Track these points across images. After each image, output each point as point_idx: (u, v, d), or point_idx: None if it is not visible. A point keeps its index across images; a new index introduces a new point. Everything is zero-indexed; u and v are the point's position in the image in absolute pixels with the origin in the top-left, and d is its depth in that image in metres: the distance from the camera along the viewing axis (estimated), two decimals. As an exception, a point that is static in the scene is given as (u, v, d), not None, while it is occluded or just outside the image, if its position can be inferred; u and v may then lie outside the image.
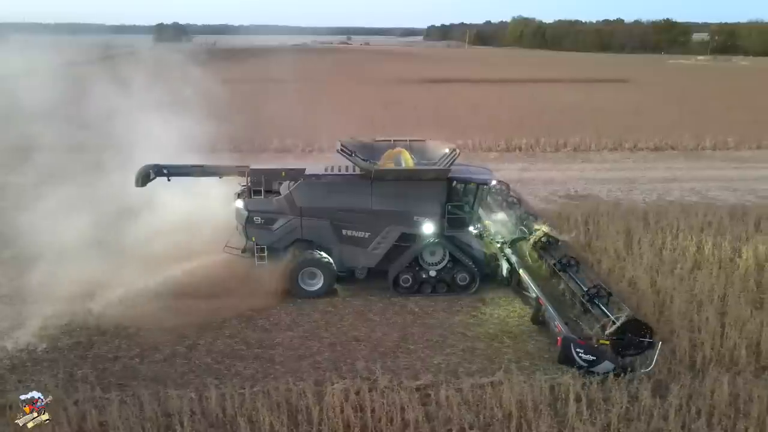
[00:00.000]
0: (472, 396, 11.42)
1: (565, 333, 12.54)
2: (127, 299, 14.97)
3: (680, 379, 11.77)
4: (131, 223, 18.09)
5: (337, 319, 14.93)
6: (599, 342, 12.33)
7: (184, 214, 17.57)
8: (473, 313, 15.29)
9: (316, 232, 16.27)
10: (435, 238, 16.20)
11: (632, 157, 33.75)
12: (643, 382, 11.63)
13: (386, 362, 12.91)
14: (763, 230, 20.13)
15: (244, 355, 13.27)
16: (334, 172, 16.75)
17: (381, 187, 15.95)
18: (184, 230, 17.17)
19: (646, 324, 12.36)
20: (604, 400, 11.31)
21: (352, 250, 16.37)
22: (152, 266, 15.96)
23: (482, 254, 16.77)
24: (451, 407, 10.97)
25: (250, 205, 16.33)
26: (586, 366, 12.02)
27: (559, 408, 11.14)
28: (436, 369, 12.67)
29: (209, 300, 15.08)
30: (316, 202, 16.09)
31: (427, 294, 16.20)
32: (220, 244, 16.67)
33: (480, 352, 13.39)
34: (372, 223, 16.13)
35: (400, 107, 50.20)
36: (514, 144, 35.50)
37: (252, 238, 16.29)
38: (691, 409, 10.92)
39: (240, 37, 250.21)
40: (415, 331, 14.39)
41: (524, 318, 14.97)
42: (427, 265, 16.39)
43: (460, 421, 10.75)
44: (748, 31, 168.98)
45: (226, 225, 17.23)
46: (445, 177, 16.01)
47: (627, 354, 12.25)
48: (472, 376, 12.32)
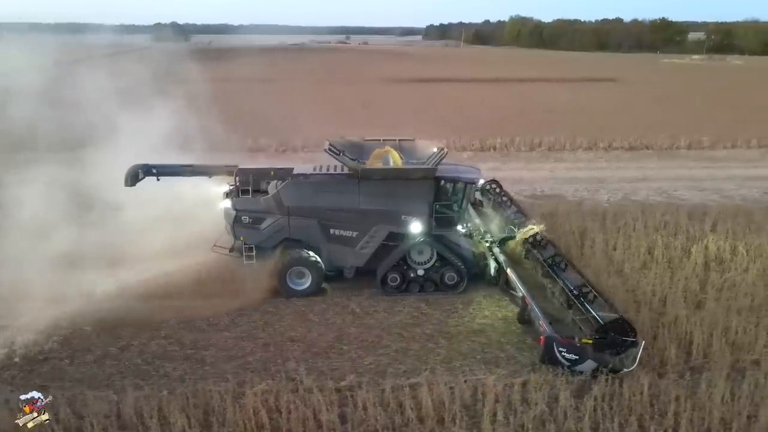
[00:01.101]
0: (392, 398, 11.40)
1: (548, 332, 12.50)
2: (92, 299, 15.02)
3: (602, 380, 11.74)
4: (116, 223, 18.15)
5: (276, 319, 14.90)
6: (582, 341, 12.29)
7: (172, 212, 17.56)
8: (414, 313, 15.27)
9: (304, 231, 16.29)
10: (423, 237, 16.23)
11: (605, 157, 33.69)
12: (564, 384, 11.62)
13: (316, 363, 12.93)
14: (718, 230, 20.07)
15: (176, 356, 13.25)
16: (322, 172, 16.75)
17: (368, 186, 15.96)
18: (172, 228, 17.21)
19: (630, 323, 12.29)
20: (525, 401, 11.31)
21: (340, 249, 16.40)
22: (128, 266, 16.15)
23: (471, 253, 16.77)
24: (366, 409, 10.94)
25: (237, 205, 16.37)
26: (569, 365, 12.02)
27: (478, 409, 11.12)
28: (364, 370, 12.65)
29: (182, 300, 15.18)
30: (303, 201, 16.13)
31: (416, 293, 16.21)
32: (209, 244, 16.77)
33: (413, 353, 13.36)
34: (360, 223, 16.17)
35: (381, 107, 50.17)
36: (489, 143, 35.46)
37: (240, 238, 16.34)
38: (605, 410, 10.90)
39: (238, 37, 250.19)
40: (352, 331, 14.36)
41: (463, 318, 14.97)
42: (415, 264, 16.40)
43: (374, 422, 10.74)
44: (744, 30, 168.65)
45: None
46: (433, 176, 16.01)
47: (608, 353, 12.17)
48: (399, 377, 12.32)
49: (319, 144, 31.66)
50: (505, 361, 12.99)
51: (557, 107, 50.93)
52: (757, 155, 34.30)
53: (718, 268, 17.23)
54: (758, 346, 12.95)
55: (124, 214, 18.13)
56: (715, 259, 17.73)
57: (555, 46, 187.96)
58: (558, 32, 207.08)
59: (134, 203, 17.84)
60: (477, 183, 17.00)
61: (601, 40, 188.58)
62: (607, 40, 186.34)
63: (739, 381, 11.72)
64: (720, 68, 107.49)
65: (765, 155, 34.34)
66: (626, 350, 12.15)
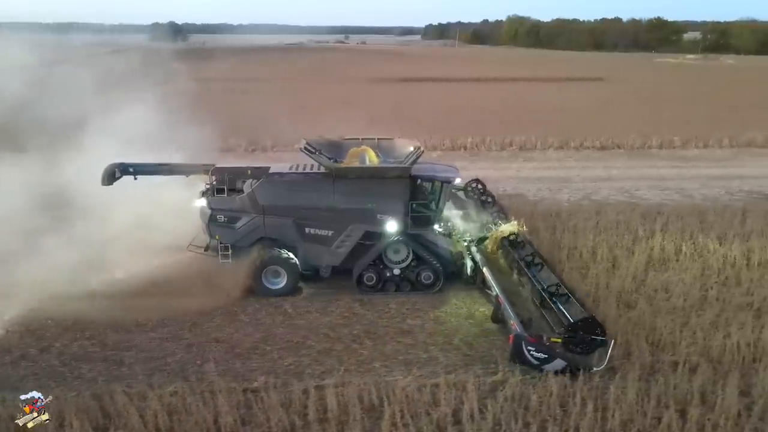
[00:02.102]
0: (300, 400, 11.29)
1: (517, 331, 12.39)
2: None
3: (514, 382, 11.63)
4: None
5: (206, 319, 14.76)
6: (551, 340, 12.24)
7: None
8: (346, 314, 15.15)
9: (280, 230, 16.23)
10: (398, 237, 16.14)
11: (575, 157, 33.57)
12: (474, 387, 11.51)
13: (235, 364, 12.83)
14: (670, 229, 19.95)
15: (95, 357, 13.14)
16: (298, 171, 16.66)
17: (343, 185, 15.88)
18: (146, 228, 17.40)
19: (599, 323, 12.21)
20: (434, 403, 11.20)
21: (316, 248, 16.32)
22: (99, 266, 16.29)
23: (448, 252, 16.65)
24: (266, 412, 10.84)
25: (213, 204, 16.31)
26: (538, 364, 11.92)
27: (384, 411, 11.00)
28: (282, 371, 12.54)
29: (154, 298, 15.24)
30: (278, 200, 16.06)
31: (392, 292, 16.15)
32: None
33: (335, 354, 13.25)
34: (335, 222, 16.09)
35: (362, 106, 49.96)
36: (460, 143, 35.33)
37: (216, 237, 16.28)
38: (511, 413, 10.80)
39: (237, 37, 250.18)
40: (280, 332, 14.26)
41: (394, 319, 14.87)
42: (391, 263, 16.34)
43: (277, 423, 10.64)
44: (740, 30, 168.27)
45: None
46: (408, 175, 15.93)
47: (577, 352, 12.14)
48: (315, 378, 12.20)
49: (291, 143, 32.07)
50: (425, 362, 12.86)
51: (539, 106, 50.80)
52: (728, 155, 34.18)
53: (659, 268, 17.11)
54: (681, 347, 12.81)
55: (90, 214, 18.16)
56: (658, 260, 17.60)
57: (552, 46, 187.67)
58: (555, 32, 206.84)
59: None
60: (453, 182, 16.80)
61: (598, 39, 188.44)
62: (604, 40, 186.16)
63: (653, 383, 11.60)
64: (712, 68, 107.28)
65: (736, 154, 34.22)
66: (595, 349, 12.10)
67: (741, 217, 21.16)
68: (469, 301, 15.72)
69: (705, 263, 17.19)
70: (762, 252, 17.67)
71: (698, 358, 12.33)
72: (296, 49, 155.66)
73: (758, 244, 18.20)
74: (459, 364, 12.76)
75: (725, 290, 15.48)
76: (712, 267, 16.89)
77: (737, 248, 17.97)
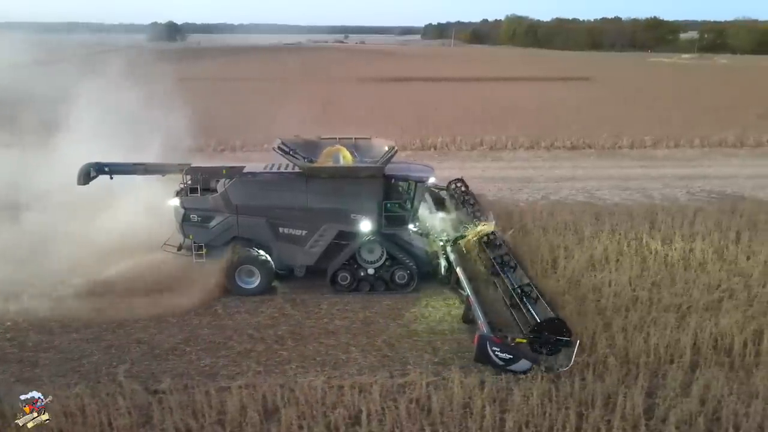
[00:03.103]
0: (201, 401, 11.18)
1: (482, 331, 12.29)
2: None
3: (423, 384, 11.55)
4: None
5: (133, 321, 14.66)
6: (516, 341, 12.14)
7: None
8: (275, 314, 15.06)
9: (253, 229, 16.19)
10: (371, 236, 16.05)
11: (545, 156, 33.39)
12: (378, 389, 11.41)
13: (150, 365, 12.75)
14: (618, 230, 19.83)
15: (11, 358, 13.06)
16: (272, 171, 16.57)
17: (316, 184, 15.81)
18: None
19: (565, 323, 12.16)
20: (334, 405, 11.08)
21: (290, 248, 16.27)
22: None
23: (424, 252, 16.50)
24: (163, 414, 10.75)
25: (186, 203, 16.28)
26: (503, 364, 11.85)
27: (284, 412, 10.90)
28: (197, 372, 12.48)
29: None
30: (251, 199, 16.01)
31: (365, 292, 16.07)
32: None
33: (254, 355, 13.17)
34: (308, 221, 16.04)
35: (342, 106, 49.88)
36: (431, 142, 35.20)
37: (189, 236, 16.24)
38: (409, 415, 10.71)
39: (235, 36, 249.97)
40: (205, 332, 14.18)
41: (322, 320, 14.77)
42: (365, 263, 16.23)
43: (173, 426, 10.55)
44: (736, 29, 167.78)
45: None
46: (381, 174, 15.84)
47: (543, 352, 12.10)
48: (229, 379, 12.13)
49: (260, 143, 31.97)
50: (342, 363, 12.80)
51: (518, 106, 50.58)
52: (698, 154, 33.98)
53: (598, 269, 16.95)
54: (598, 348, 12.68)
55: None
56: (599, 261, 17.45)
57: (549, 45, 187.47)
58: (553, 31, 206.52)
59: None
60: (427, 181, 16.70)
61: (596, 39, 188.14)
62: (602, 40, 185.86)
63: (561, 385, 11.50)
64: (704, 67, 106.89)
65: (706, 154, 34.03)
66: (561, 350, 12.06)
67: (692, 217, 21.00)
68: (402, 302, 15.61)
69: (644, 264, 17.06)
70: (702, 253, 17.56)
71: (613, 360, 12.20)
72: (290, 49, 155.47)
73: (700, 245, 18.09)
74: (376, 365, 12.67)
75: (657, 291, 15.35)
76: (650, 268, 16.75)
77: (679, 249, 17.85)
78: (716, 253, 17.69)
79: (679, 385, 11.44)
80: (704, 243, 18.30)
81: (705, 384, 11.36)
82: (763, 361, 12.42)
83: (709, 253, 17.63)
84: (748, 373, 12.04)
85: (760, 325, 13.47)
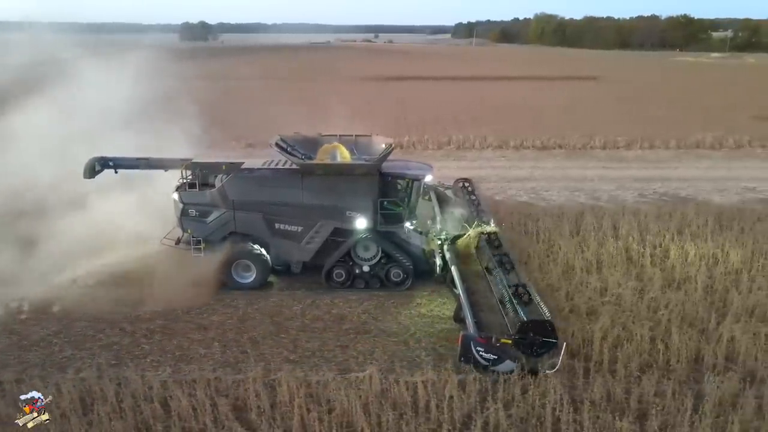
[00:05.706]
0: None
1: (465, 331, 12.17)
2: None
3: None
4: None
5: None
6: (500, 341, 11.92)
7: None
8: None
9: (250, 225, 16.44)
10: (366, 234, 16.08)
11: (510, 156, 32.85)
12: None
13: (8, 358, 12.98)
14: (530, 231, 19.42)
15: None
16: (270, 167, 16.64)
17: (312, 181, 15.94)
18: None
19: (552, 325, 11.91)
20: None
21: (286, 244, 16.47)
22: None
23: (420, 250, 16.46)
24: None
25: (185, 198, 16.60)
26: (487, 365, 11.69)
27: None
28: (51, 364, 12.68)
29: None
30: (247, 195, 16.25)
31: (360, 289, 16.11)
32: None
33: (115, 348, 13.31)
34: (304, 218, 16.18)
35: (335, 104, 49.81)
36: (397, 142, 34.79)
37: (187, 230, 16.59)
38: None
39: (266, 36, 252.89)
40: (80, 325, 14.36)
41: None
42: (361, 260, 16.30)
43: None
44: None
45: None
46: (377, 172, 15.82)
47: (529, 353, 11.90)
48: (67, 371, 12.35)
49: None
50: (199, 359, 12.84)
51: (506, 105, 49.97)
52: (669, 156, 32.92)
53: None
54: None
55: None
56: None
57: (578, 44, 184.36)
58: (581, 30, 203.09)
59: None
60: (423, 179, 16.64)
61: (625, 38, 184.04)
62: (632, 38, 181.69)
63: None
64: (728, 66, 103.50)
65: (679, 156, 32.93)
66: (547, 352, 11.85)
67: (623, 218, 20.44)
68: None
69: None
70: (596, 256, 17.14)
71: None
72: (313, 48, 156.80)
73: (607, 249, 17.61)
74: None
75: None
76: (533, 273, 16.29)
77: (581, 253, 17.36)
78: (619, 257, 17.21)
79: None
80: (607, 246, 17.85)
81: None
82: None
83: (606, 256, 17.21)
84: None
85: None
